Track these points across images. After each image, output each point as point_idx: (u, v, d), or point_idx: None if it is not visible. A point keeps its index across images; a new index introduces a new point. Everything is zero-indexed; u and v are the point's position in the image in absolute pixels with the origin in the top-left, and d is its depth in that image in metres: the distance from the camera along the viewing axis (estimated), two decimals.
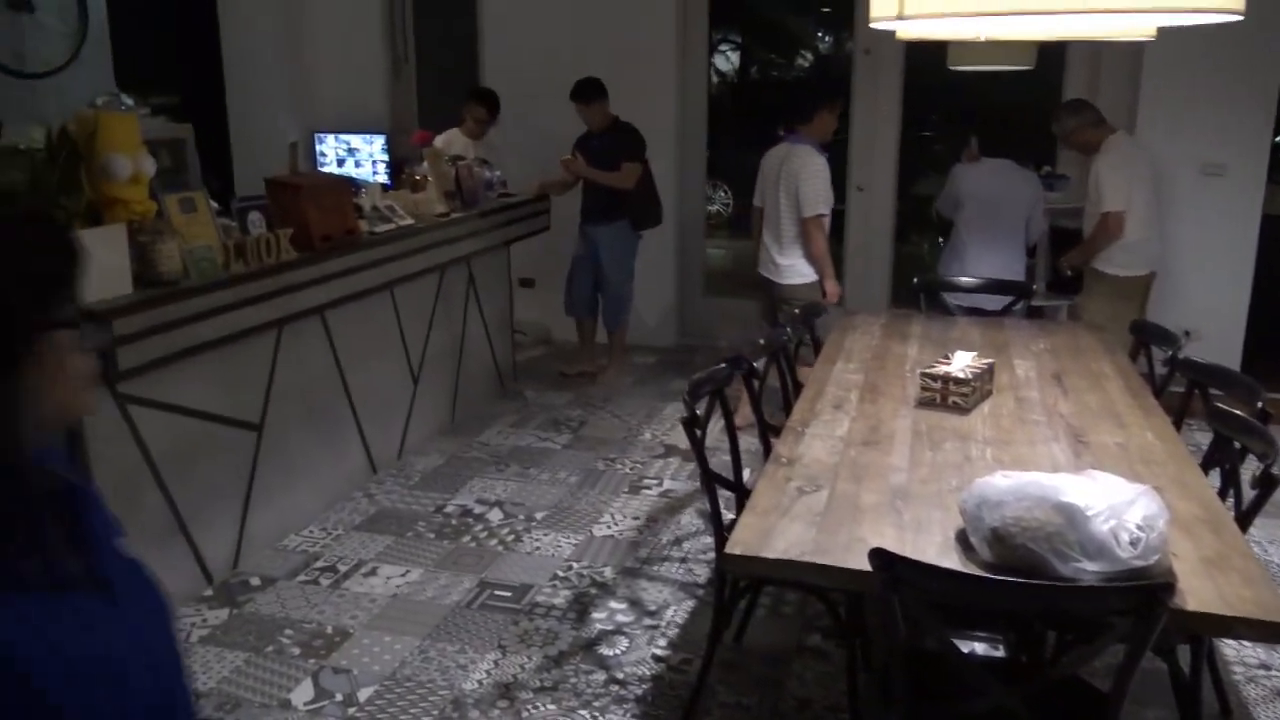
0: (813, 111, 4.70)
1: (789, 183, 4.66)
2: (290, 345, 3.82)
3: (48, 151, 2.83)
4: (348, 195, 4.01)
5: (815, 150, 4.65)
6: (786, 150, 4.73)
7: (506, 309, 5.72)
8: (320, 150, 6.72)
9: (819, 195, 4.59)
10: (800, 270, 4.74)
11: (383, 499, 4.26)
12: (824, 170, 4.62)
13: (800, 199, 4.61)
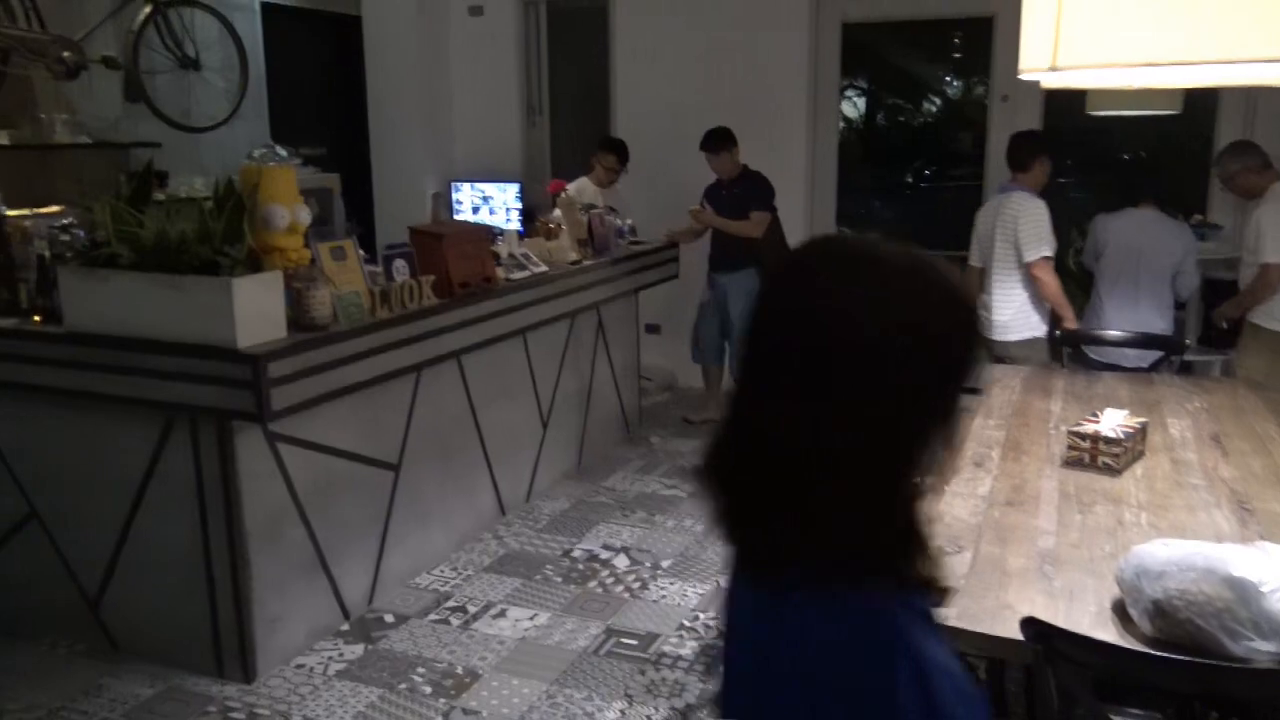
0: (1029, 160, 4.53)
1: (1007, 230, 4.49)
2: (428, 388, 3.93)
3: (215, 202, 3.00)
4: (486, 243, 4.13)
5: (1031, 194, 4.50)
6: (1000, 201, 4.59)
7: (634, 355, 5.77)
8: (456, 198, 6.94)
9: (1041, 237, 4.41)
10: (1022, 325, 4.55)
11: (511, 541, 4.32)
12: (1044, 213, 4.44)
13: (1021, 244, 4.43)
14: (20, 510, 3.48)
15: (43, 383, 3.22)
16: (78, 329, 3.14)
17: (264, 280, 2.99)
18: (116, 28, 4.89)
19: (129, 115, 5.22)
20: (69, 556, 3.44)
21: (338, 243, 3.42)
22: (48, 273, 3.27)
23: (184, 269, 2.93)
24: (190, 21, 5.16)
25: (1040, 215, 4.44)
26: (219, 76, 5.46)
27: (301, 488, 3.35)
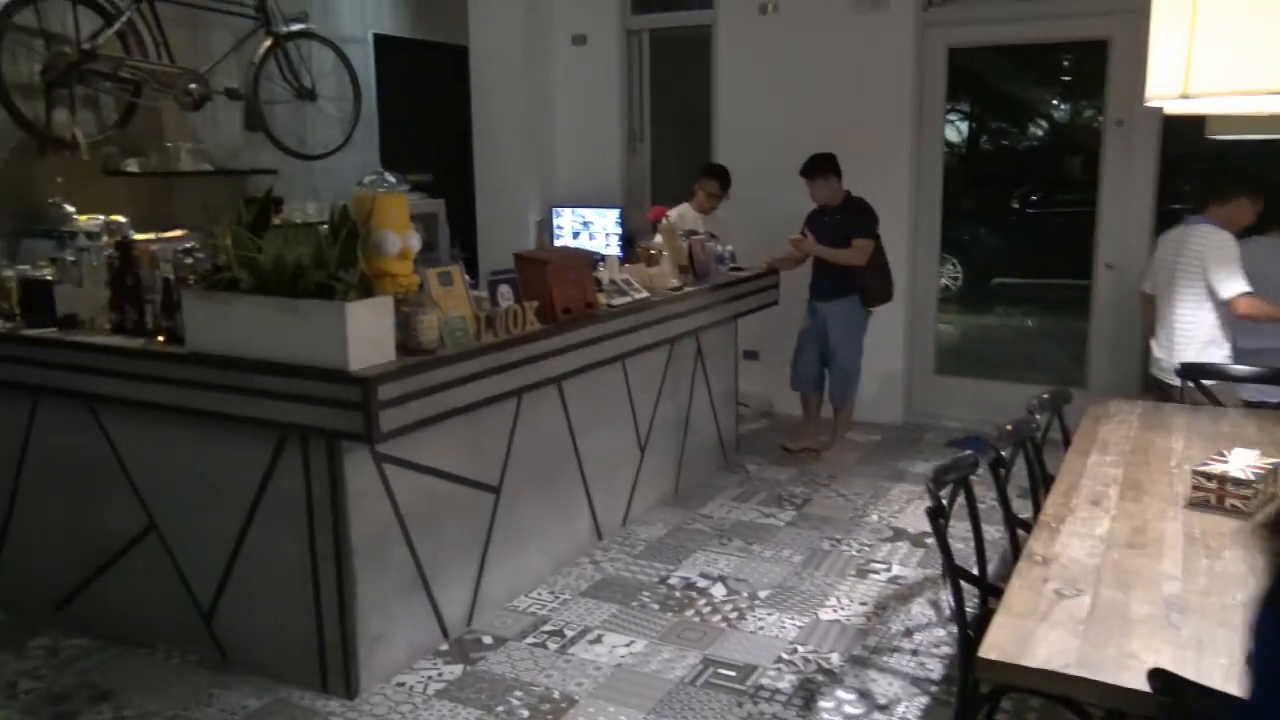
0: (1231, 194, 4.28)
1: (1191, 264, 4.26)
2: (529, 412, 3.97)
3: (330, 228, 3.09)
4: (589, 270, 4.17)
5: (1218, 228, 4.25)
6: (1185, 232, 4.37)
7: (732, 382, 5.74)
8: (557, 223, 7.03)
9: (1233, 272, 4.14)
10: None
11: (608, 566, 4.32)
12: (1232, 246, 4.18)
13: (1214, 282, 4.18)
14: (140, 523, 3.62)
15: (165, 401, 3.35)
16: (199, 350, 3.26)
17: (375, 305, 3.06)
18: (239, 60, 5.10)
19: (248, 143, 5.43)
20: (184, 569, 3.57)
21: (446, 268, 3.49)
22: (172, 295, 3.41)
23: (300, 293, 3.02)
24: (307, 53, 5.35)
25: (1228, 249, 4.16)
26: (333, 106, 5.65)
27: (405, 508, 3.41)
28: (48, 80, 4.29)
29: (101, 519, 3.71)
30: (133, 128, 4.76)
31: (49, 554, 3.90)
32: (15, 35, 4.22)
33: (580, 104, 7.16)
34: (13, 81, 4.18)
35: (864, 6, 6.12)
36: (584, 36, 7.08)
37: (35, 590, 3.94)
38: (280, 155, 5.36)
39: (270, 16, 5.07)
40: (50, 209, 4.35)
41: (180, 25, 4.92)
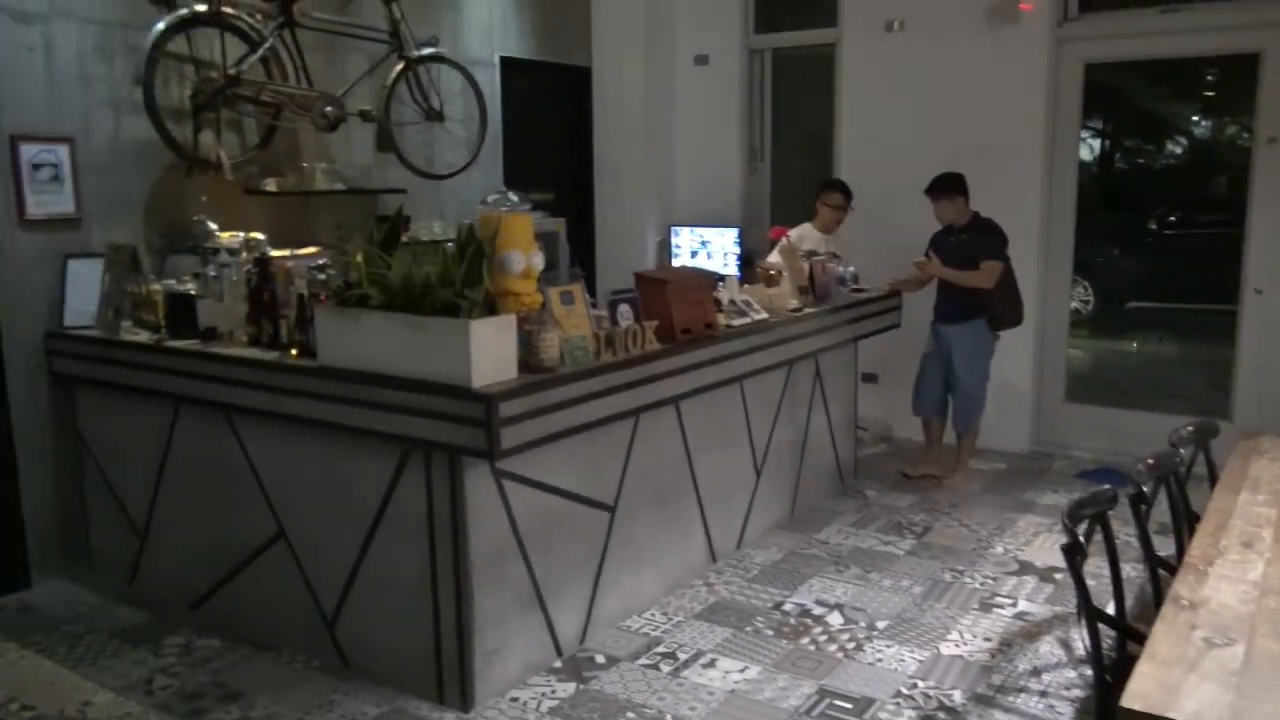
0: None
1: None
2: (646, 432, 3.96)
3: (457, 247, 3.15)
4: (709, 290, 4.15)
5: None
6: None
7: (851, 405, 5.63)
8: (675, 242, 7.04)
9: None
10: None
11: (722, 589, 4.27)
12: None
13: None
14: (270, 530, 3.75)
15: (297, 413, 3.46)
16: (329, 364, 3.36)
17: (499, 323, 3.10)
18: (372, 84, 5.27)
19: (379, 163, 5.60)
20: (310, 576, 3.67)
21: (567, 287, 3.52)
22: (305, 310, 3.53)
23: (426, 310, 3.09)
24: (437, 76, 5.50)
25: None
26: (460, 127, 5.78)
27: (523, 524, 3.43)
28: (196, 104, 4.51)
29: (234, 524, 3.85)
30: (272, 149, 4.96)
31: (185, 556, 4.07)
32: (167, 62, 4.45)
33: (701, 123, 7.17)
34: (164, 105, 4.41)
35: (996, 22, 5.96)
36: (706, 56, 7.09)
37: (172, 590, 4.12)
38: (409, 174, 5.50)
39: (403, 42, 5.22)
40: (195, 226, 4.56)
41: (318, 51, 5.11)
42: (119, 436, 4.24)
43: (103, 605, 4.16)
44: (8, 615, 4.09)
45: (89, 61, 4.40)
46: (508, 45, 6.47)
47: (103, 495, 4.37)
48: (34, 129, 4.22)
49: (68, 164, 4.32)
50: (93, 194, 4.42)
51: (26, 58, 4.19)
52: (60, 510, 4.44)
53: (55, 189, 4.29)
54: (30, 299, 4.26)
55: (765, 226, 6.93)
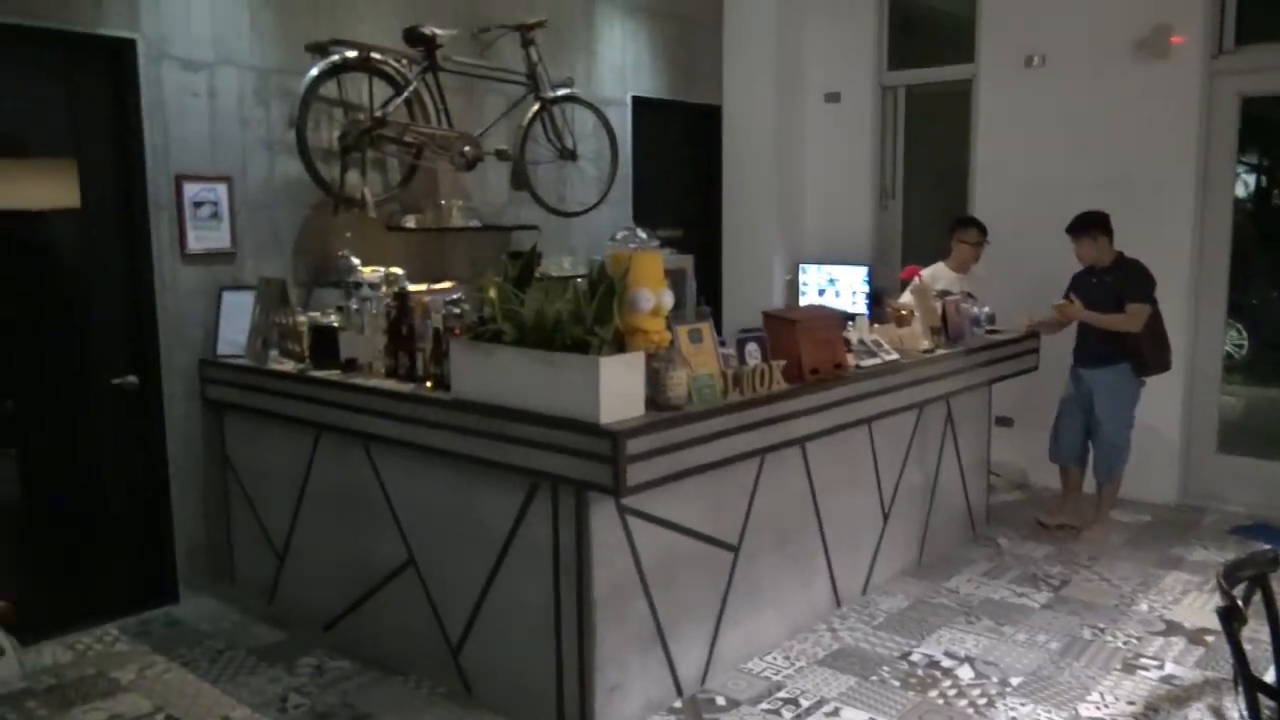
0: None
1: None
2: (771, 472, 3.92)
3: (588, 284, 3.20)
4: (838, 330, 4.09)
5: None
6: None
7: (984, 450, 5.46)
8: (803, 280, 6.98)
9: None
10: None
11: (846, 635, 4.17)
12: None
13: None
14: (401, 556, 3.85)
15: (430, 444, 3.56)
16: (462, 396, 3.44)
17: (628, 360, 3.13)
18: (508, 124, 5.42)
19: (512, 201, 5.74)
20: (438, 603, 3.75)
21: (696, 325, 3.52)
22: (441, 344, 3.63)
23: (557, 346, 3.14)
24: (570, 116, 5.62)
25: None
26: (592, 165, 5.89)
27: (646, 561, 3.43)
28: (343, 145, 4.72)
29: (368, 549, 3.97)
30: (413, 187, 5.15)
31: (321, 578, 4.22)
32: (319, 105, 4.68)
33: (831, 161, 7.12)
34: (315, 147, 4.63)
35: (1145, 56, 5.75)
36: (837, 94, 7.05)
37: (308, 611, 4.27)
38: (541, 211, 5.63)
39: (539, 83, 5.36)
40: (339, 261, 4.75)
41: (458, 92, 5.29)
42: (263, 461, 4.44)
43: (243, 623, 4.34)
44: (157, 628, 4.31)
45: (247, 105, 4.66)
46: (640, 85, 6.58)
47: (246, 517, 4.57)
48: (196, 169, 4.49)
49: (225, 202, 4.58)
50: (247, 230, 4.67)
51: (192, 102, 4.47)
52: (207, 530, 4.67)
53: (214, 225, 4.55)
54: (188, 328, 4.52)
55: (895, 265, 6.82)
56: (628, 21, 6.45)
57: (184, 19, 4.41)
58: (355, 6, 5.00)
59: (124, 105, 4.29)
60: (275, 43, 4.72)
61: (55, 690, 3.74)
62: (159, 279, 4.40)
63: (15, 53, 4.16)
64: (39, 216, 4.49)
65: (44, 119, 4.34)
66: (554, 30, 5.67)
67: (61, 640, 4.16)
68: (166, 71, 4.37)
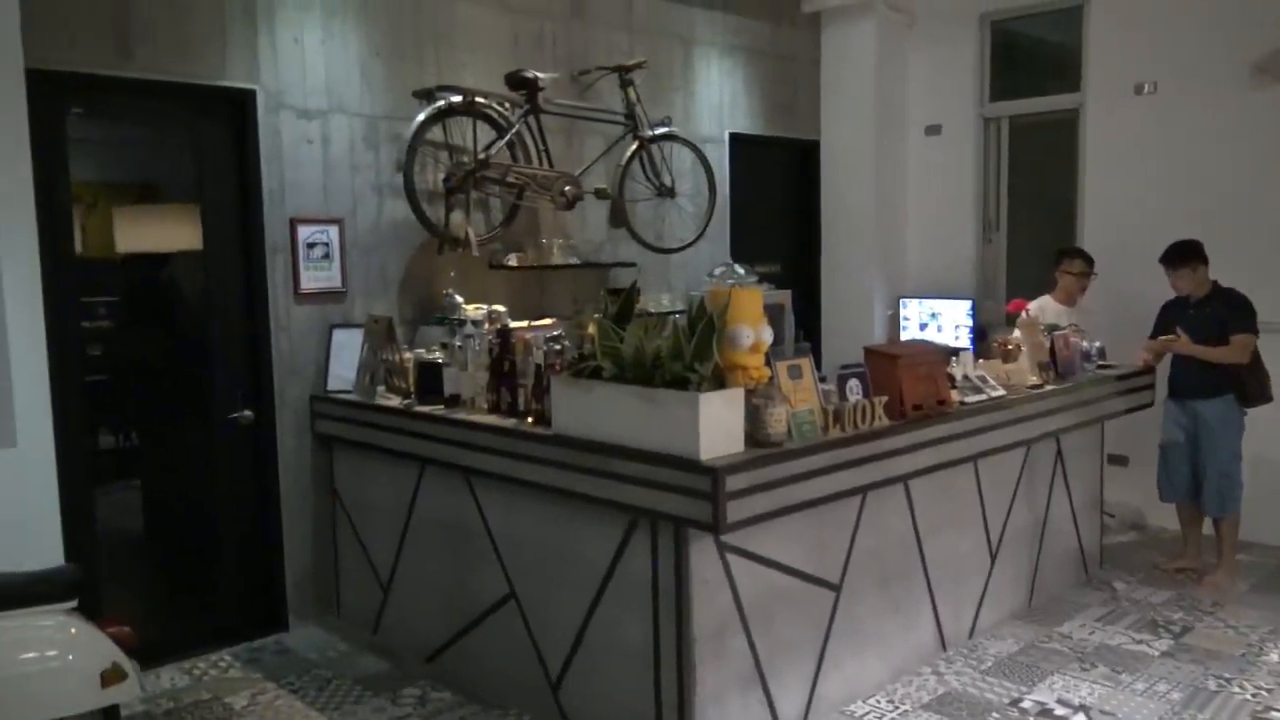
0: None
1: None
2: (873, 510, 3.86)
3: (688, 321, 3.21)
4: (942, 365, 4.02)
5: None
6: None
7: (1096, 489, 5.27)
8: (904, 314, 6.88)
9: None
10: None
11: (952, 680, 4.05)
12: None
13: None
14: (502, 590, 3.90)
15: (531, 478, 3.60)
16: (562, 432, 3.48)
17: (727, 397, 3.12)
18: (607, 163, 5.51)
19: (611, 238, 5.81)
20: (538, 638, 3.78)
21: (795, 361, 3.50)
22: (542, 380, 3.68)
23: (657, 382, 3.15)
24: (669, 154, 5.68)
25: None
26: (689, 202, 5.93)
27: (746, 599, 3.40)
28: (448, 187, 4.86)
29: (469, 582, 4.03)
30: (514, 226, 5.26)
31: (424, 610, 4.29)
32: (425, 149, 4.83)
33: (932, 194, 7.03)
34: (421, 189, 4.78)
35: (1265, 80, 5.54)
36: (938, 126, 6.97)
37: (411, 642, 4.35)
38: (639, 248, 5.68)
39: (638, 123, 5.44)
40: (444, 299, 4.89)
41: (559, 133, 5.40)
42: (369, 494, 4.56)
43: (349, 652, 4.44)
44: (267, 655, 4.43)
45: (358, 150, 4.84)
46: (737, 122, 6.61)
47: (353, 548, 4.69)
48: (310, 212, 4.67)
49: (336, 243, 4.75)
50: (356, 269, 4.83)
51: (306, 149, 4.66)
52: (315, 561, 4.80)
53: (325, 266, 4.72)
54: (301, 365, 4.68)
55: (1000, 299, 6.67)
56: (724, 60, 6.50)
57: (299, 70, 4.61)
58: (459, 53, 5.16)
59: (244, 152, 4.51)
60: (384, 90, 4.90)
61: (173, 714, 3.88)
62: (274, 317, 4.58)
63: (149, 105, 4.43)
64: (165, 258, 4.74)
65: (172, 166, 4.60)
66: (652, 70, 5.76)
67: (179, 665, 4.32)
68: (283, 120, 4.57)
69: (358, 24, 4.81)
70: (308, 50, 4.64)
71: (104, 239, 4.57)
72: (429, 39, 5.06)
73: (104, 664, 3.22)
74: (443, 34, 5.10)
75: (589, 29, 5.72)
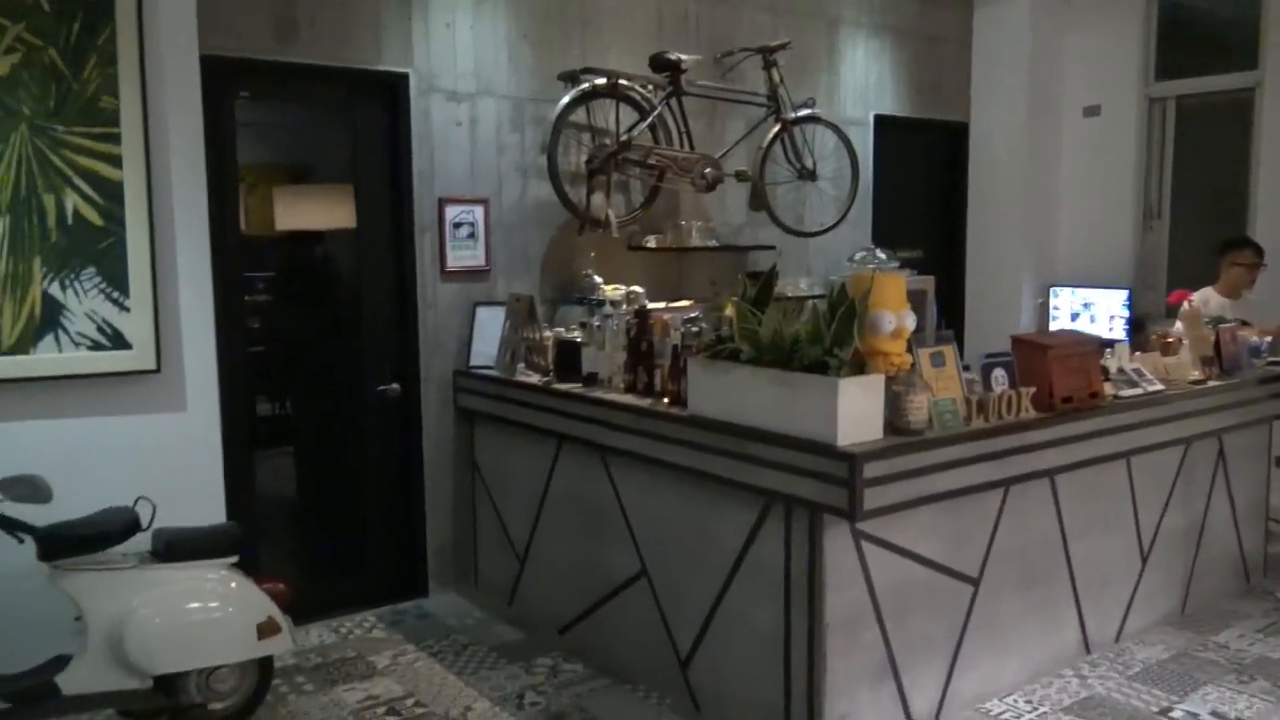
0: None
1: None
2: (1015, 504, 3.73)
3: (828, 305, 3.17)
4: (1096, 357, 3.85)
5: None
6: None
7: (1261, 493, 4.96)
8: (1054, 303, 6.62)
9: None
10: None
11: (1096, 684, 3.89)
12: None
13: None
14: (634, 567, 3.94)
15: (666, 459, 3.63)
16: (698, 413, 3.49)
17: (867, 383, 3.07)
18: (748, 146, 5.47)
19: (750, 221, 5.78)
20: (668, 616, 3.81)
21: (938, 349, 3.42)
22: (678, 361, 3.70)
23: (795, 366, 3.12)
24: (811, 137, 5.60)
25: None
26: (831, 185, 5.84)
27: (880, 589, 3.35)
28: (590, 169, 4.92)
29: (602, 559, 4.09)
30: (654, 208, 5.29)
31: (557, 583, 4.38)
32: (569, 131, 4.90)
33: (1089, 179, 6.72)
34: (564, 170, 4.86)
35: None
36: (1097, 107, 6.65)
37: (544, 614, 4.45)
38: (778, 232, 5.63)
39: (781, 104, 5.38)
40: (583, 280, 4.96)
41: (700, 115, 5.39)
42: (507, 468, 4.67)
43: (485, 620, 4.58)
44: (408, 619, 4.61)
45: (504, 132, 4.95)
46: (883, 103, 6.47)
47: (490, 520, 4.82)
48: (457, 192, 4.80)
49: (482, 223, 4.87)
50: (500, 249, 4.95)
51: (455, 131, 4.79)
52: (455, 531, 4.96)
53: (470, 245, 4.85)
54: (445, 341, 4.83)
55: (1160, 289, 6.34)
56: (871, 41, 6.36)
57: (450, 54, 4.74)
58: (605, 36, 5.21)
59: (396, 134, 4.67)
60: (530, 73, 4.99)
61: (321, 668, 4.09)
62: (421, 294, 4.74)
63: (308, 89, 4.63)
64: (320, 236, 4.97)
65: (328, 147, 4.80)
66: (796, 52, 5.68)
67: (326, 623, 4.54)
68: (434, 102, 4.71)
69: (507, 8, 4.90)
70: (458, 34, 4.77)
71: (263, 218, 4.82)
72: (576, 22, 5.12)
73: (260, 617, 3.42)
74: (589, 17, 5.16)
75: (733, 10, 5.68)
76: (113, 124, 3.55)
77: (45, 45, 3.43)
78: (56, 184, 3.47)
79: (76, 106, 3.49)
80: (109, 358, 3.60)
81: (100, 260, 3.56)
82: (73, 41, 3.47)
